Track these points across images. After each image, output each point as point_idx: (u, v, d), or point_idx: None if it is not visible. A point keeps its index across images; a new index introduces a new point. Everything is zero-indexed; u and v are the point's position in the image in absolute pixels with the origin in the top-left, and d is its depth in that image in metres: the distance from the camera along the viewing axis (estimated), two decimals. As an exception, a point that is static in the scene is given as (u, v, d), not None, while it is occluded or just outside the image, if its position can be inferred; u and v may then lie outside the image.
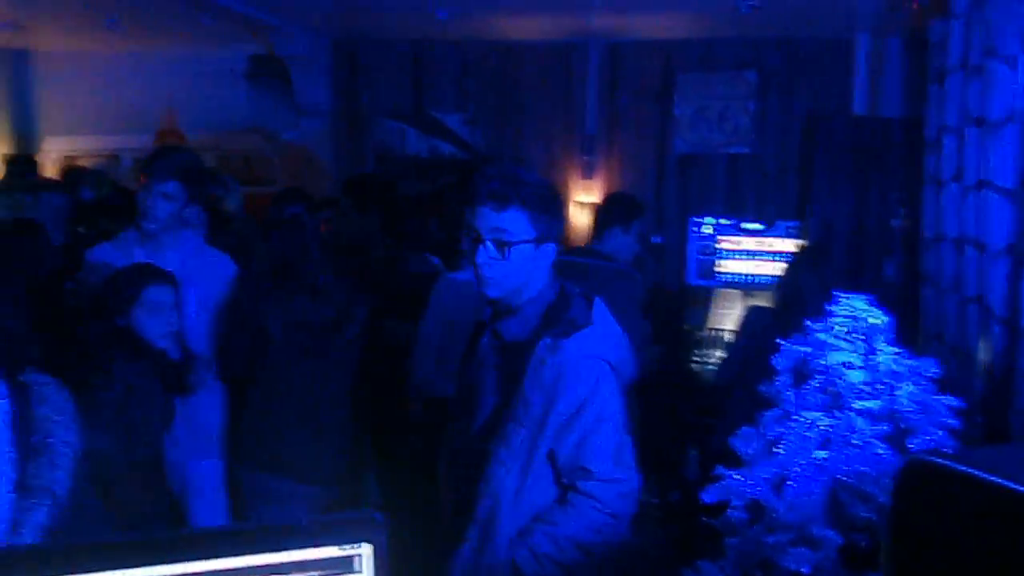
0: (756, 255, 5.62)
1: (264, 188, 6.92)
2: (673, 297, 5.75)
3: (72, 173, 6.66)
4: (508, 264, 1.94)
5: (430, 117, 7.31)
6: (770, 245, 5.58)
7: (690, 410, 4.09)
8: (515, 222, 1.92)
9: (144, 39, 7.34)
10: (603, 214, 4.01)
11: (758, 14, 5.75)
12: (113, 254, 2.66)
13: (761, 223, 5.71)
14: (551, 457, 1.94)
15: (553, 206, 2.00)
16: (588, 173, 7.04)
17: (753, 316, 3.50)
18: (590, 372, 1.92)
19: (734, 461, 1.93)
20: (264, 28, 6.65)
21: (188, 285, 2.56)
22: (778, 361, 1.95)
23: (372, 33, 7.14)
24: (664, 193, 6.96)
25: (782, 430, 1.88)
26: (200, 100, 7.49)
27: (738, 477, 1.85)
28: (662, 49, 6.91)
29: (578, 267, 3.62)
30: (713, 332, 5.32)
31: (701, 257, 5.73)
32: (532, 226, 1.94)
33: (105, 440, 2.05)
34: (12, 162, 6.12)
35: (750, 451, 1.90)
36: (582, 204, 6.83)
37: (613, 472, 1.90)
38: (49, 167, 7.56)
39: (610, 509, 1.90)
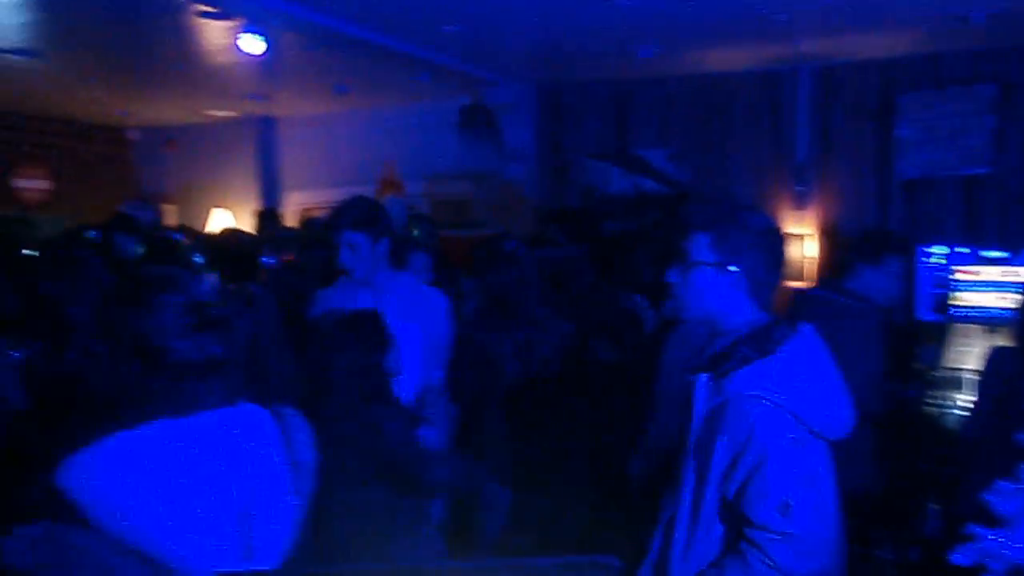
0: (999, 286, 5.04)
1: (476, 231, 7.27)
2: (902, 333, 5.30)
3: (307, 223, 7.38)
4: (689, 287, 1.91)
5: (633, 155, 7.34)
6: (1016, 275, 5.00)
7: (928, 459, 3.72)
8: (696, 245, 1.90)
9: (367, 100, 8.03)
10: (847, 249, 3.76)
11: (994, 22, 5.26)
12: (337, 298, 2.83)
13: (1005, 251, 5.13)
14: (724, 502, 1.82)
15: (740, 232, 1.90)
16: (800, 203, 6.71)
17: (1001, 357, 3.12)
18: (747, 412, 1.75)
19: (987, 519, 1.73)
20: (475, 81, 7.04)
21: (410, 321, 2.69)
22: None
23: (575, 76, 7.32)
24: (888, 222, 6.47)
25: (1049, 487, 1.66)
26: (416, 151, 8.05)
27: (997, 538, 1.66)
28: (879, 68, 6.49)
29: (811, 301, 3.45)
30: (950, 372, 4.83)
31: (934, 290, 5.25)
32: (712, 250, 1.89)
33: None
34: (260, 215, 6.92)
35: (1010, 509, 1.70)
36: (794, 236, 6.52)
37: (780, 524, 1.71)
38: (290, 219, 8.43)
39: (779, 564, 1.70)
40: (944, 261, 5.28)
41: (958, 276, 5.23)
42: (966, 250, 5.27)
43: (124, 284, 1.70)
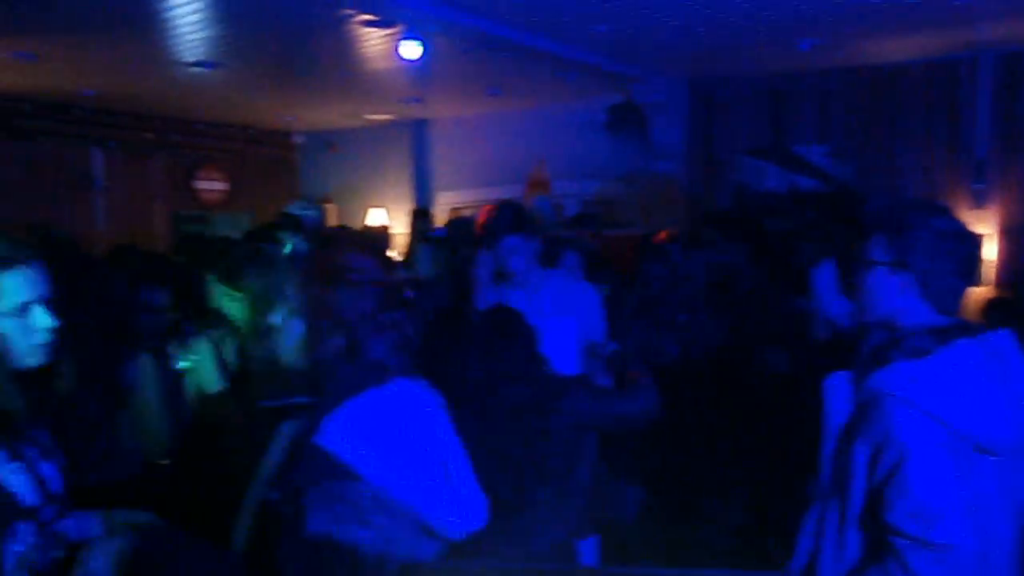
0: None
1: (624, 230, 7.22)
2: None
3: (453, 222, 7.61)
4: (864, 288, 1.86)
5: (790, 151, 7.04)
6: None
7: None
8: (873, 244, 1.83)
9: (517, 101, 8.15)
10: None
11: None
12: (493, 296, 2.92)
13: None
14: (868, 508, 1.73)
15: (917, 232, 1.81)
16: (979, 202, 6.22)
17: None
18: (886, 413, 1.67)
19: None
20: (625, 79, 6.99)
21: (565, 315, 2.81)
22: None
23: (729, 72, 7.12)
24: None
25: None
26: (564, 151, 8.09)
27: None
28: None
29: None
30: None
31: None
32: (887, 250, 1.81)
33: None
34: (413, 215, 7.18)
35: None
36: (971, 237, 6.04)
37: (917, 529, 1.60)
38: (439, 218, 8.70)
39: (916, 573, 1.60)
40: None
41: None
42: None
43: (323, 271, 1.99)
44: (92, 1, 4.72)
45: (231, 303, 3.42)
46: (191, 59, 6.12)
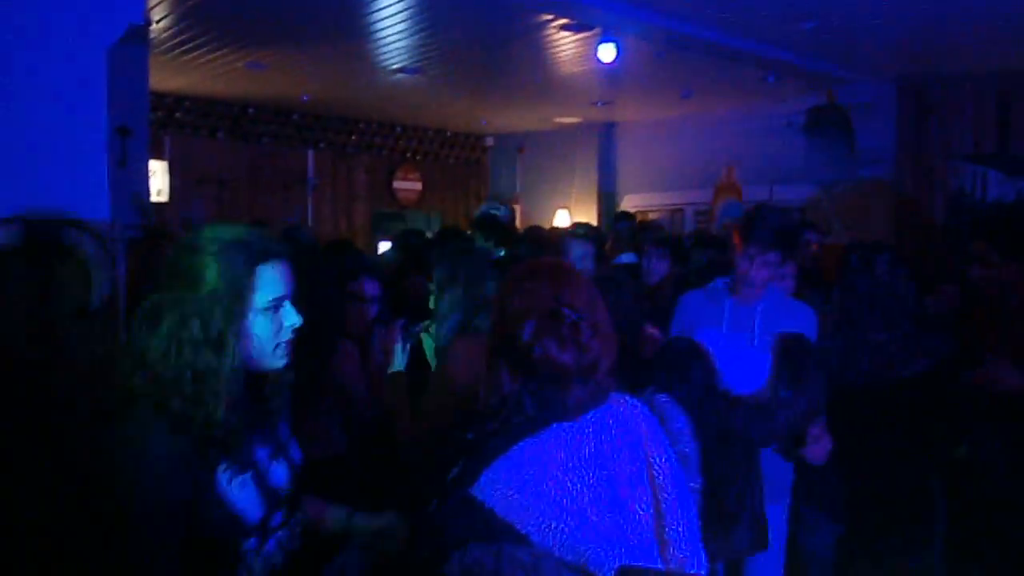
0: None
1: (818, 238, 6.83)
2: None
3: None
4: None
5: (1018, 157, 6.36)
6: None
7: None
8: None
9: (708, 103, 7.95)
10: None
11: None
12: (703, 300, 2.75)
13: None
14: None
15: None
16: None
17: None
18: None
19: None
20: (828, 79, 6.63)
21: (770, 333, 2.56)
22: None
23: (944, 71, 6.54)
24: None
25: None
26: (757, 154, 7.79)
27: None
28: None
29: None
30: None
31: None
32: None
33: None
34: (616, 218, 6.98)
35: None
36: None
37: None
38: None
39: None
40: None
41: None
42: None
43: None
44: (313, 13, 5.13)
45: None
46: (395, 65, 6.48)
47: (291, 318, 1.40)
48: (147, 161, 4.24)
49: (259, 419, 1.42)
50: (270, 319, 1.38)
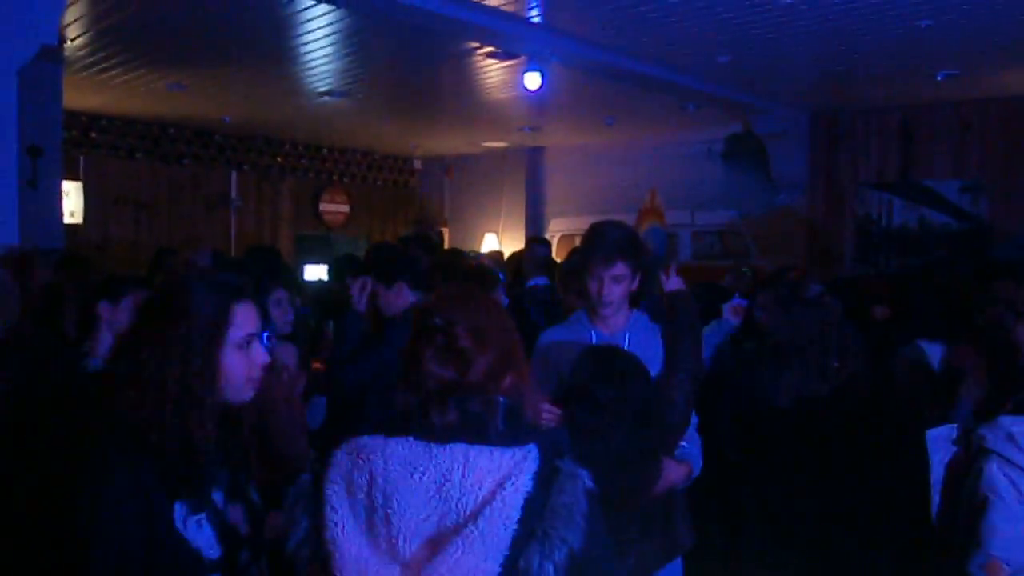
0: None
1: (737, 261, 7.07)
2: None
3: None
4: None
5: (920, 185, 6.73)
6: None
7: None
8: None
9: (634, 130, 8.16)
10: None
11: None
12: (566, 336, 2.53)
13: None
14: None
15: None
16: None
17: None
18: (980, 464, 1.80)
19: None
20: (745, 109, 6.89)
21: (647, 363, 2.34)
22: None
23: (854, 102, 6.89)
24: None
25: None
26: (677, 181, 8.01)
27: None
28: None
29: None
30: None
31: None
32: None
33: None
34: (530, 242, 7.17)
35: None
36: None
37: None
38: (552, 243, 8.77)
39: None
40: None
41: None
42: None
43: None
44: (237, 35, 5.07)
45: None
46: (322, 89, 6.45)
47: (262, 356, 1.45)
48: (60, 181, 4.10)
49: (219, 458, 1.44)
50: (242, 355, 1.43)
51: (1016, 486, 1.68)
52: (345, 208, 9.55)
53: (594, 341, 2.43)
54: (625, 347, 2.37)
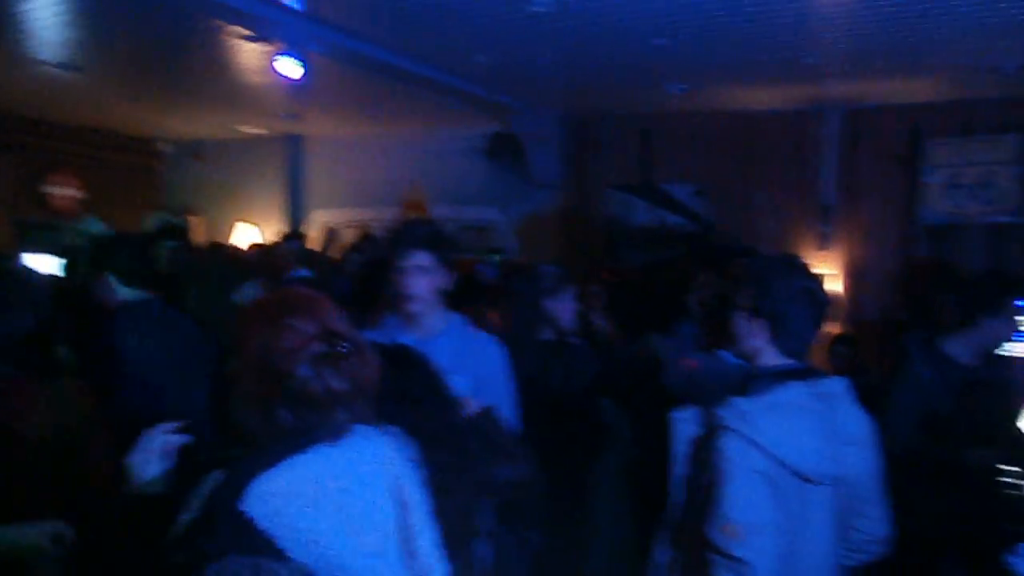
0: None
1: (498, 257, 7.33)
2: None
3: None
4: (727, 329, 2.18)
5: (658, 188, 7.38)
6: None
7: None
8: (740, 292, 2.11)
9: (396, 123, 8.13)
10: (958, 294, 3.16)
11: (1022, 74, 5.28)
12: (377, 340, 2.43)
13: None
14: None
15: (772, 286, 2.06)
16: (824, 244, 6.72)
17: None
18: (717, 441, 2.03)
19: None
20: (504, 109, 7.12)
21: (459, 374, 2.19)
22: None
23: (602, 109, 7.39)
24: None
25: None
26: (442, 176, 8.13)
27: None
28: (908, 113, 6.52)
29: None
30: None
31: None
32: (748, 298, 2.13)
33: None
34: (285, 237, 6.86)
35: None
36: (817, 276, 6.52)
37: (727, 547, 1.92)
38: (314, 236, 8.51)
39: None
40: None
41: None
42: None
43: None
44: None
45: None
46: (52, 60, 5.74)
47: None
48: None
49: None
50: None
51: (747, 457, 1.90)
52: (77, 192, 8.59)
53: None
54: (443, 359, 2.11)
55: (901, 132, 6.57)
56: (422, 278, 2.32)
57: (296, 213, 9.01)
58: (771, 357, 2.04)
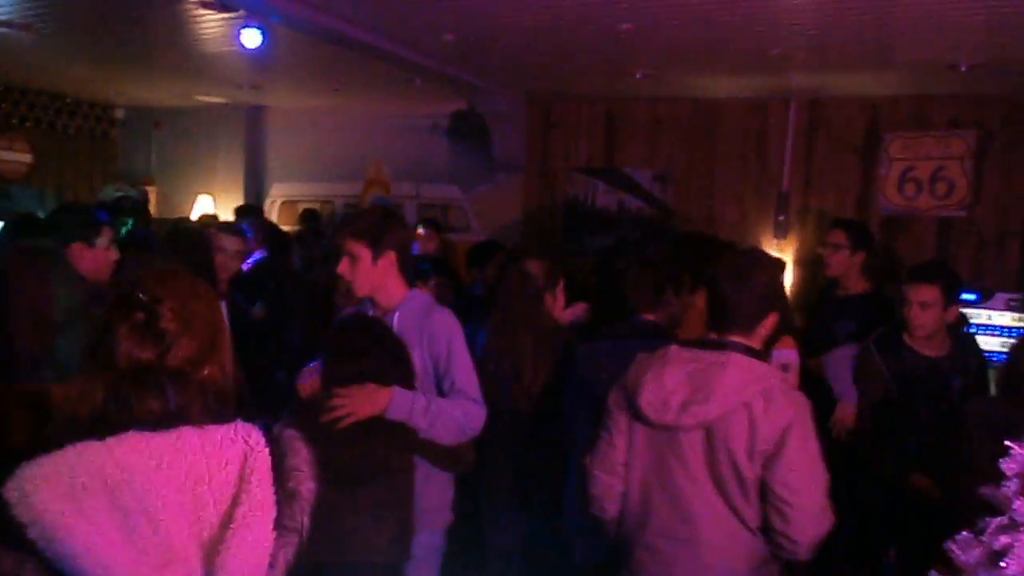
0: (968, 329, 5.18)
1: (458, 235, 7.30)
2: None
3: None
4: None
5: (620, 172, 7.41)
6: (987, 318, 5.14)
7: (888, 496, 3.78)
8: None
9: (360, 98, 8.02)
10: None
11: (979, 71, 5.40)
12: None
13: (976, 293, 5.27)
14: None
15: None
16: (781, 233, 6.82)
17: (990, 407, 3.04)
18: None
19: (944, 566, 1.80)
20: (468, 88, 7.07)
21: (416, 347, 2.46)
22: (1007, 464, 1.79)
23: (566, 91, 7.38)
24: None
25: (1009, 541, 1.73)
26: (405, 153, 8.06)
27: (958, 588, 1.71)
28: (867, 106, 6.63)
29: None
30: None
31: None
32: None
33: None
34: (239, 212, 6.74)
35: (970, 560, 1.76)
36: (773, 264, 6.61)
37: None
38: (272, 209, 8.39)
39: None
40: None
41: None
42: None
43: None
44: None
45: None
46: (-2, 18, 5.54)
47: None
48: None
49: None
50: None
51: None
52: (27, 157, 8.33)
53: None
54: (393, 324, 2.48)
55: (860, 124, 6.68)
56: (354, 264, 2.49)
57: (256, 186, 8.87)
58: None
